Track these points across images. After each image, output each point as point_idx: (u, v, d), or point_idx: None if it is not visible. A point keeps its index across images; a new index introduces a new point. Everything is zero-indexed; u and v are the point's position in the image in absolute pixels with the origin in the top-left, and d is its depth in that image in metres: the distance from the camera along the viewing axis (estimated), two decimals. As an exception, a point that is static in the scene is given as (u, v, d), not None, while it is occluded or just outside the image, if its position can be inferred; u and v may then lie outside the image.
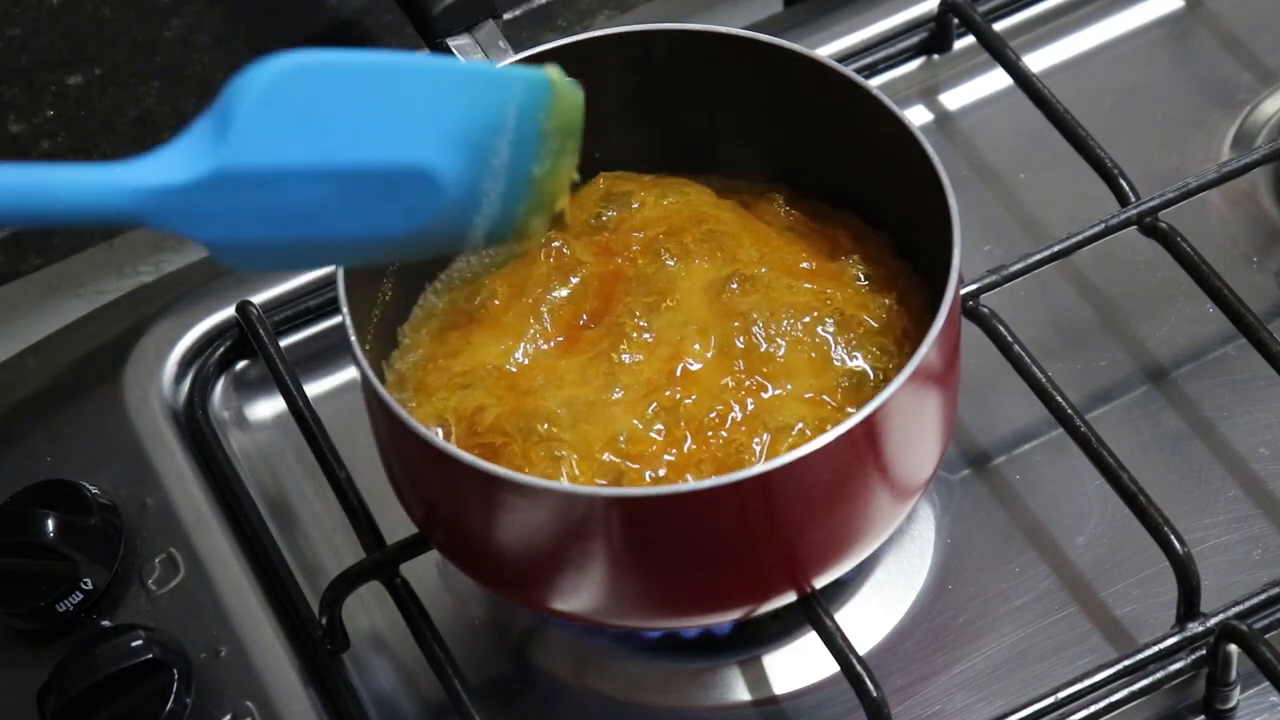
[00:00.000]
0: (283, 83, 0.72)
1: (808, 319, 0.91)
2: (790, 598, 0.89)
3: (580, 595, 0.87)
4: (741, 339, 0.90)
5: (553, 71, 0.83)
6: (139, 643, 0.93)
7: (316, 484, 1.01)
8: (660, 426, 0.88)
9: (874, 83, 0.95)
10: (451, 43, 1.03)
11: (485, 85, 0.80)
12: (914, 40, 1.15)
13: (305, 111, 0.73)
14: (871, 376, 0.90)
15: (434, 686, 0.93)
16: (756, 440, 0.87)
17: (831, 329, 0.91)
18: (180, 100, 1.14)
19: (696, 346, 0.90)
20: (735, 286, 0.92)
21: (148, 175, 0.70)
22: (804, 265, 0.94)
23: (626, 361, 0.90)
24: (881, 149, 0.92)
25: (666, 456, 0.87)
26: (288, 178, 0.72)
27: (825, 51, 1.13)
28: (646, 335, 0.91)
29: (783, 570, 0.87)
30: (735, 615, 0.90)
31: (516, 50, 0.98)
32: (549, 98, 0.82)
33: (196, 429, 1.04)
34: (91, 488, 1.00)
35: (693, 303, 0.92)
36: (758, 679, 0.95)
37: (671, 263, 0.93)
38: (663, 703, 0.96)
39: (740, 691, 0.95)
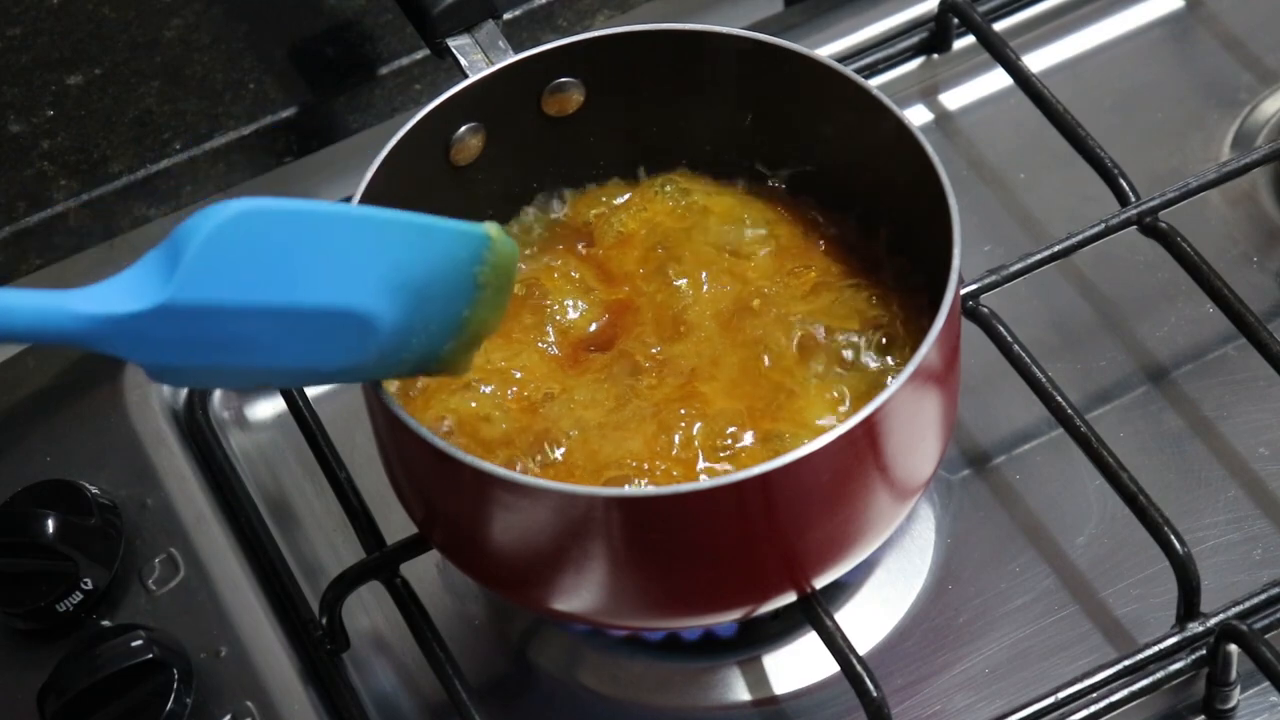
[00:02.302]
0: (232, 226, 0.75)
1: (819, 336, 0.91)
2: (790, 598, 0.89)
3: (580, 595, 0.87)
4: (753, 363, 0.90)
5: (490, 228, 0.85)
6: (139, 643, 0.93)
7: (316, 484, 1.01)
8: (672, 450, 0.88)
9: (874, 83, 0.95)
10: (451, 43, 1.02)
11: (424, 236, 0.83)
12: (914, 40, 1.15)
13: (251, 253, 0.76)
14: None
15: (434, 686, 0.93)
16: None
17: (841, 343, 0.91)
18: (180, 100, 1.14)
19: (708, 373, 0.91)
20: (746, 312, 0.93)
21: (96, 304, 0.73)
22: (808, 270, 0.95)
23: (639, 385, 0.91)
24: (881, 149, 0.92)
25: (674, 474, 0.88)
26: (230, 314, 0.75)
27: (825, 51, 1.13)
28: (658, 360, 0.92)
29: (783, 570, 0.87)
30: (735, 615, 0.90)
31: (517, 50, 0.98)
32: (485, 251, 0.85)
33: (196, 429, 1.04)
34: (91, 488, 1.00)
35: (704, 330, 0.92)
36: (758, 679, 0.95)
37: (680, 283, 0.94)
38: (663, 703, 0.96)
39: (740, 691, 0.95)
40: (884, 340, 0.93)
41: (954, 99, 1.16)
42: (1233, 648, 0.90)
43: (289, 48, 1.16)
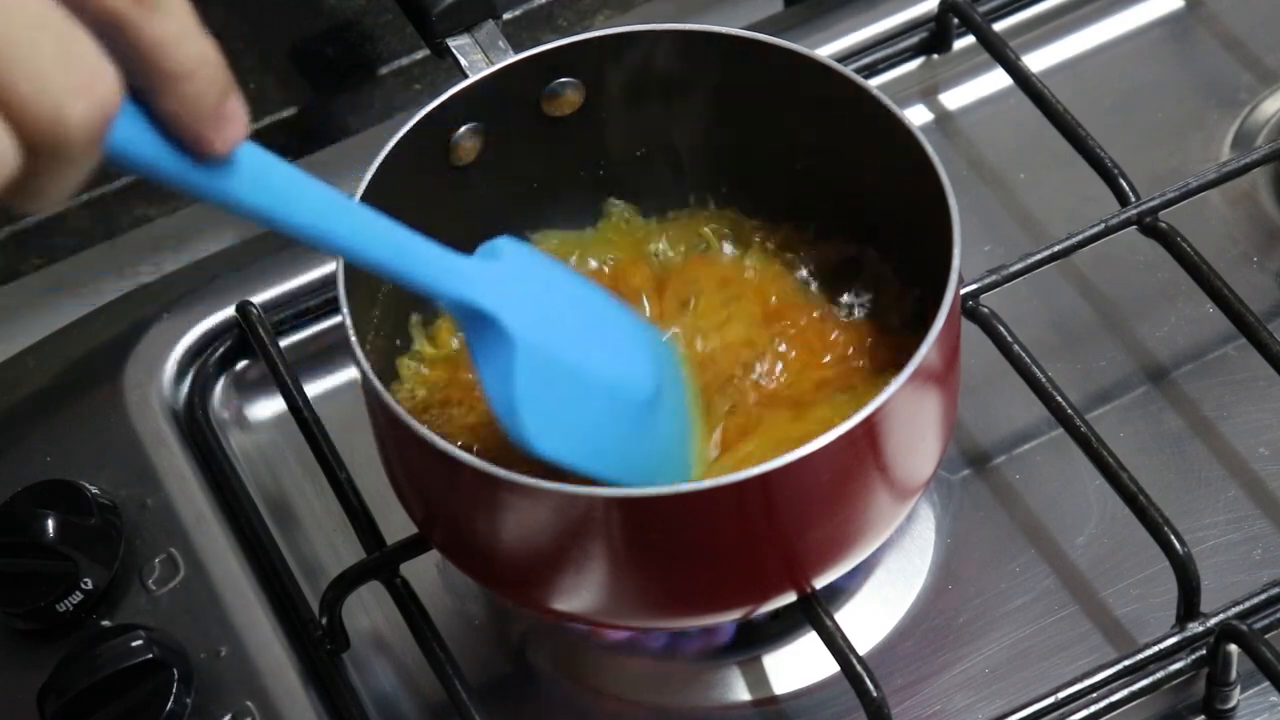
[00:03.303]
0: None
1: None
2: (790, 598, 0.89)
3: (580, 596, 0.87)
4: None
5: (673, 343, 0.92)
6: (139, 643, 0.93)
7: (316, 484, 1.01)
8: None
9: (874, 83, 0.95)
10: (451, 43, 1.03)
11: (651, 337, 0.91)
12: (914, 40, 1.15)
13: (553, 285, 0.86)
14: None
15: (434, 686, 0.93)
16: None
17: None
18: (180, 100, 1.14)
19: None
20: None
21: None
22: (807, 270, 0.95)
23: None
24: (881, 149, 0.92)
25: None
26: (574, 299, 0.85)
27: (825, 51, 1.13)
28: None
29: (783, 570, 0.87)
30: (735, 615, 0.90)
31: (517, 50, 0.98)
32: (678, 358, 0.92)
33: (196, 429, 1.04)
34: (91, 488, 1.00)
35: (703, 321, 0.93)
36: (758, 679, 0.95)
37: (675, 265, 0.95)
38: (663, 703, 0.96)
39: (740, 691, 0.95)
40: (882, 338, 0.93)
41: (954, 99, 1.16)
42: (1233, 648, 0.90)
43: (289, 48, 1.16)
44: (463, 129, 0.95)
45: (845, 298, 0.96)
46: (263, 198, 0.71)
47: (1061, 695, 0.90)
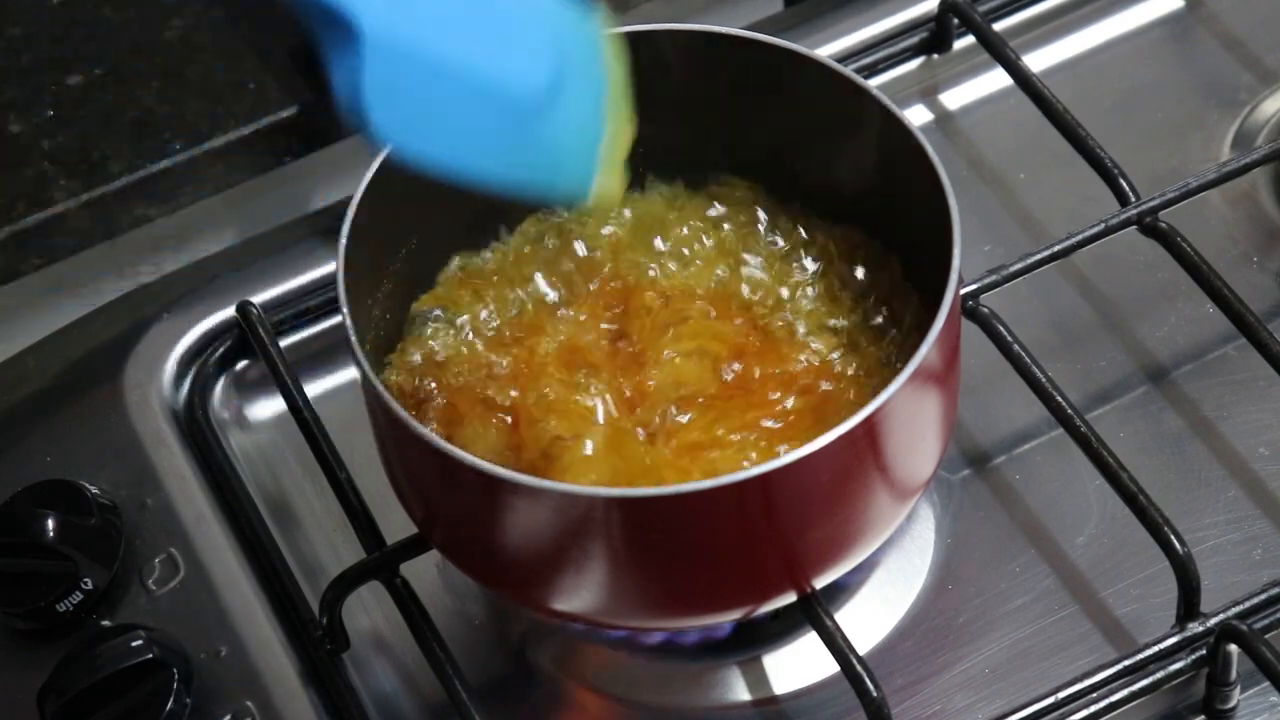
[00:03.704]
0: None
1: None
2: (790, 598, 0.89)
3: (580, 595, 0.87)
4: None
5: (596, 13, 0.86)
6: (139, 643, 0.93)
7: (316, 484, 1.01)
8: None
9: (874, 83, 0.95)
10: (451, 43, 1.02)
11: (565, 9, 0.84)
12: (914, 40, 1.15)
13: None
14: None
15: (434, 686, 0.93)
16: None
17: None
18: (180, 100, 1.14)
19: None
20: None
21: None
22: (807, 270, 0.95)
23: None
24: (881, 149, 0.92)
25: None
26: None
27: (825, 51, 1.13)
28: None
29: (783, 570, 0.87)
30: (735, 615, 0.90)
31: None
32: (600, 35, 0.85)
33: (196, 429, 1.04)
34: (91, 488, 1.00)
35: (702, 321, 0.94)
36: (758, 679, 0.95)
37: (675, 271, 0.95)
38: (663, 703, 0.96)
39: (740, 691, 0.95)
40: (883, 340, 0.93)
41: (954, 99, 1.16)
42: (1233, 648, 0.90)
43: (289, 48, 1.16)
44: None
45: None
46: None
47: (1061, 695, 0.90)
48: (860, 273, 0.96)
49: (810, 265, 0.97)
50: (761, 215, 0.98)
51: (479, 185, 0.81)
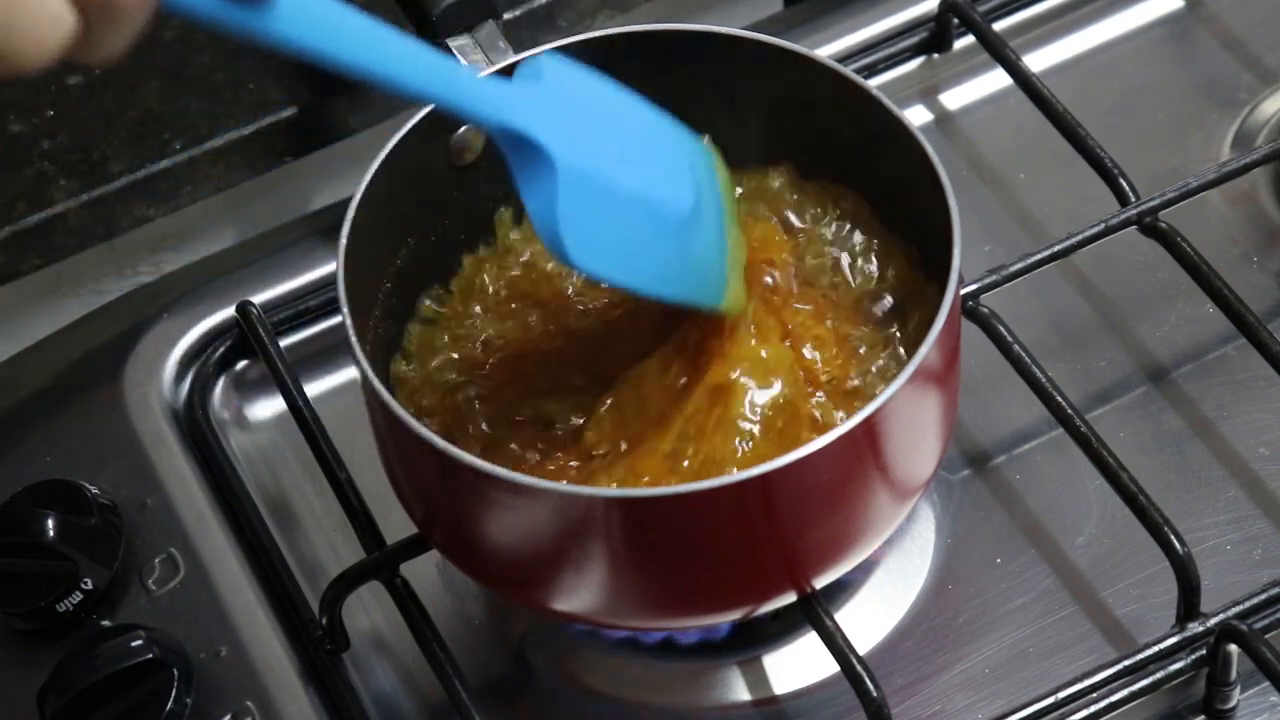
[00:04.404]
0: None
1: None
2: (790, 598, 0.89)
3: (580, 595, 0.87)
4: None
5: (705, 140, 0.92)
6: (139, 643, 0.93)
7: (316, 484, 1.01)
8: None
9: (874, 83, 0.95)
10: (452, 43, 1.03)
11: (684, 135, 0.90)
12: (914, 40, 1.15)
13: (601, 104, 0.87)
14: None
15: (434, 686, 0.93)
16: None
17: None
18: (180, 100, 1.14)
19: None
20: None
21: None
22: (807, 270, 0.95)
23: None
24: (881, 149, 0.92)
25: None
26: (613, 118, 0.86)
27: (825, 51, 1.13)
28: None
29: (783, 570, 0.87)
30: (735, 615, 0.90)
31: (517, 50, 0.98)
32: (711, 157, 0.91)
33: (196, 429, 1.04)
34: (91, 488, 1.00)
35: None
36: (758, 679, 0.95)
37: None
38: (663, 703, 0.96)
39: (740, 691, 0.95)
40: (883, 340, 0.93)
41: (954, 99, 1.16)
42: (1233, 648, 0.90)
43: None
44: (463, 129, 0.95)
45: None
46: (307, 34, 0.74)
47: (1061, 695, 0.90)
48: (861, 271, 0.96)
49: (809, 264, 0.97)
50: (757, 215, 0.98)
51: (640, 293, 0.86)
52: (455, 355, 0.95)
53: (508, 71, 0.94)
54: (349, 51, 0.75)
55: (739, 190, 0.97)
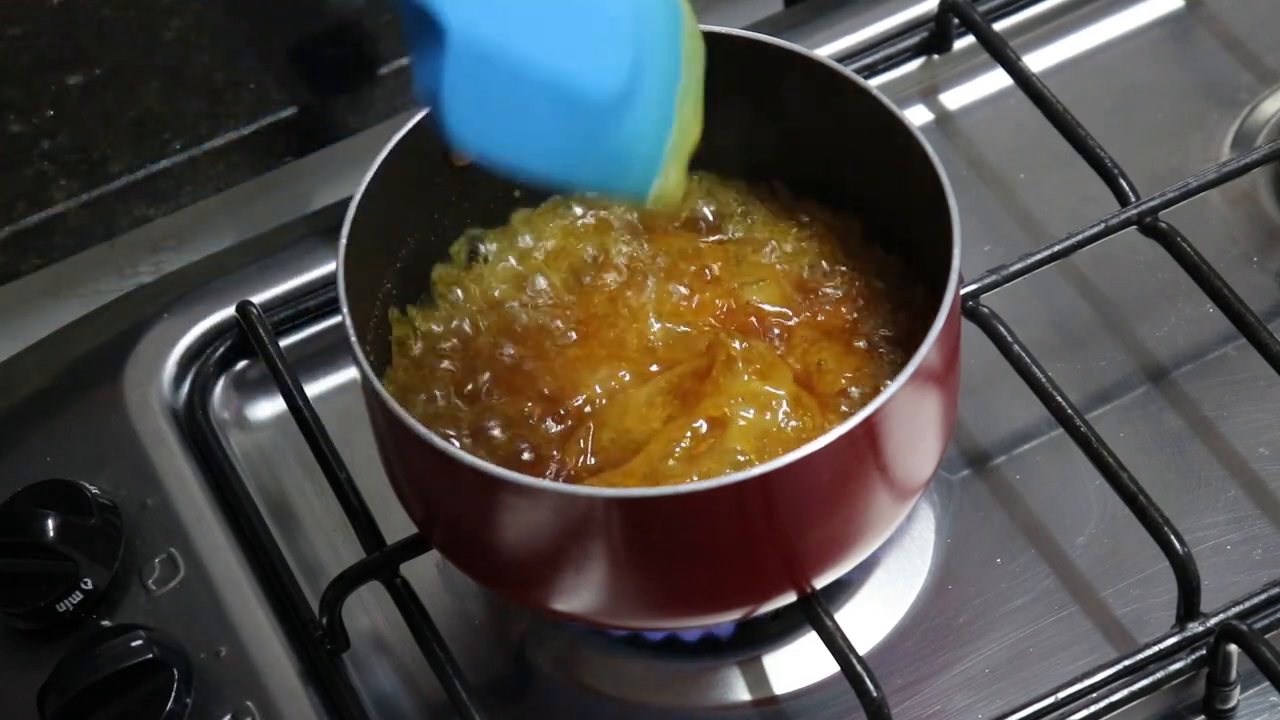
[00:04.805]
0: None
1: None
2: (790, 598, 0.89)
3: (580, 595, 0.87)
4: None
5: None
6: (139, 643, 0.93)
7: (316, 484, 1.01)
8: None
9: (874, 83, 0.95)
10: (451, 43, 1.02)
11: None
12: (914, 40, 1.15)
13: None
14: None
15: (434, 686, 0.93)
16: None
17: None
18: (180, 100, 1.14)
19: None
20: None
21: None
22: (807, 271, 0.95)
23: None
24: (881, 149, 0.92)
25: None
26: None
27: (825, 51, 1.13)
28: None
29: (783, 570, 0.87)
30: (735, 615, 0.90)
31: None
32: (684, 20, 0.84)
33: (196, 429, 1.04)
34: (91, 488, 1.00)
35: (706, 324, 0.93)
36: (758, 679, 0.95)
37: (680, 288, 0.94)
38: (663, 703, 0.96)
39: (740, 691, 0.95)
40: (884, 340, 0.93)
41: (954, 99, 1.16)
42: (1233, 648, 0.90)
43: (289, 48, 1.16)
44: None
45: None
46: None
47: (1061, 695, 0.90)
48: (859, 272, 0.96)
49: (808, 264, 0.97)
50: (758, 216, 0.99)
51: (540, 181, 0.81)
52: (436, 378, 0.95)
53: None
54: None
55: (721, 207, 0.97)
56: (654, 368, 0.92)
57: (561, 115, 0.79)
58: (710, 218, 0.98)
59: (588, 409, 0.91)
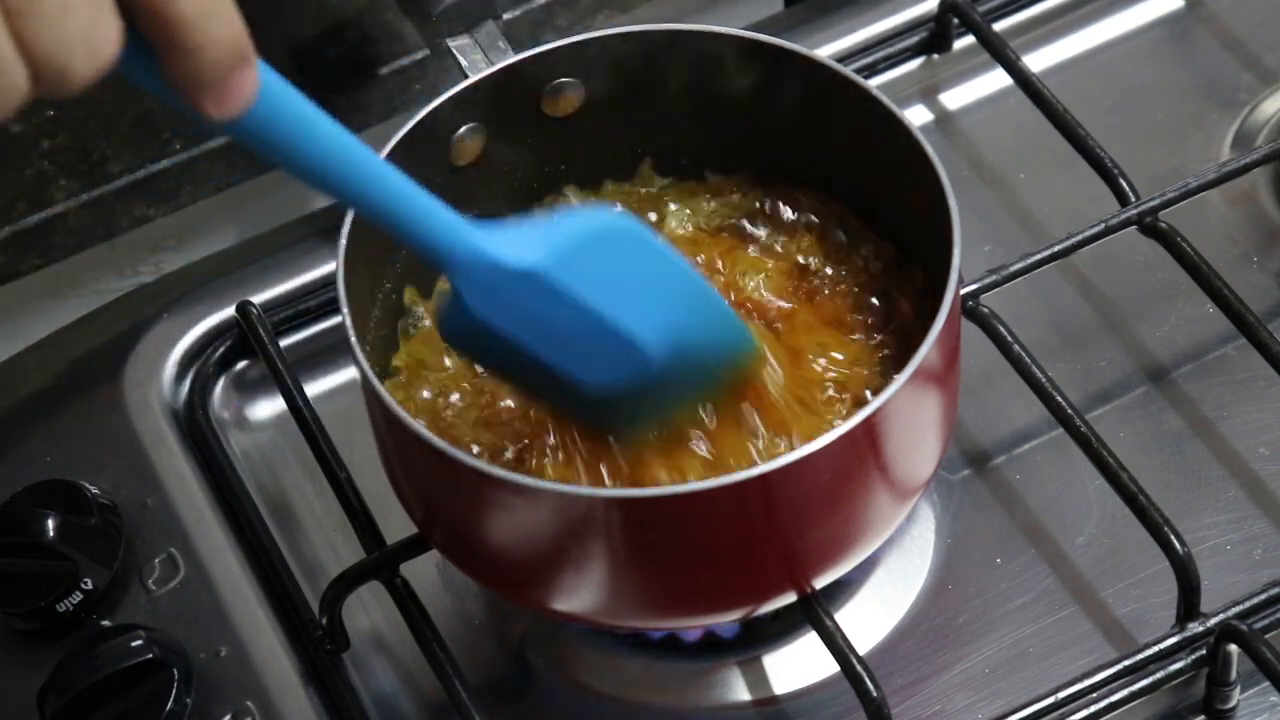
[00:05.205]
0: (608, 236, 0.83)
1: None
2: (790, 598, 0.89)
3: (580, 595, 0.87)
4: None
5: (757, 342, 0.89)
6: (139, 643, 0.93)
7: (316, 484, 1.01)
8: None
9: (874, 83, 0.95)
10: (451, 43, 1.03)
11: (718, 318, 0.87)
12: (914, 40, 1.15)
13: (609, 261, 0.82)
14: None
15: (434, 686, 0.93)
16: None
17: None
18: (180, 100, 1.14)
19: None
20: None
21: (489, 244, 0.80)
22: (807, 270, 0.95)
23: None
24: (881, 149, 0.92)
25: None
26: (566, 304, 0.81)
27: (825, 51, 1.13)
28: None
29: (783, 570, 0.87)
30: (735, 615, 0.90)
31: (517, 50, 0.98)
32: (742, 357, 0.88)
33: (196, 429, 1.04)
34: (91, 488, 1.00)
35: None
36: (758, 679, 0.95)
37: None
38: (663, 703, 0.96)
39: (740, 691, 0.95)
40: (882, 335, 0.93)
41: (954, 99, 1.16)
42: (1233, 648, 0.90)
43: (289, 48, 1.16)
44: (463, 129, 0.95)
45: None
46: (269, 138, 0.72)
47: (1061, 695, 0.90)
48: (860, 272, 0.96)
49: (808, 263, 0.97)
50: (757, 216, 0.99)
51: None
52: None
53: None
54: (310, 163, 0.73)
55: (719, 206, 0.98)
56: None
57: (552, 378, 0.84)
58: (710, 214, 0.98)
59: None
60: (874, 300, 0.94)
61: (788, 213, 0.97)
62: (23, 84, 0.65)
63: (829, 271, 0.96)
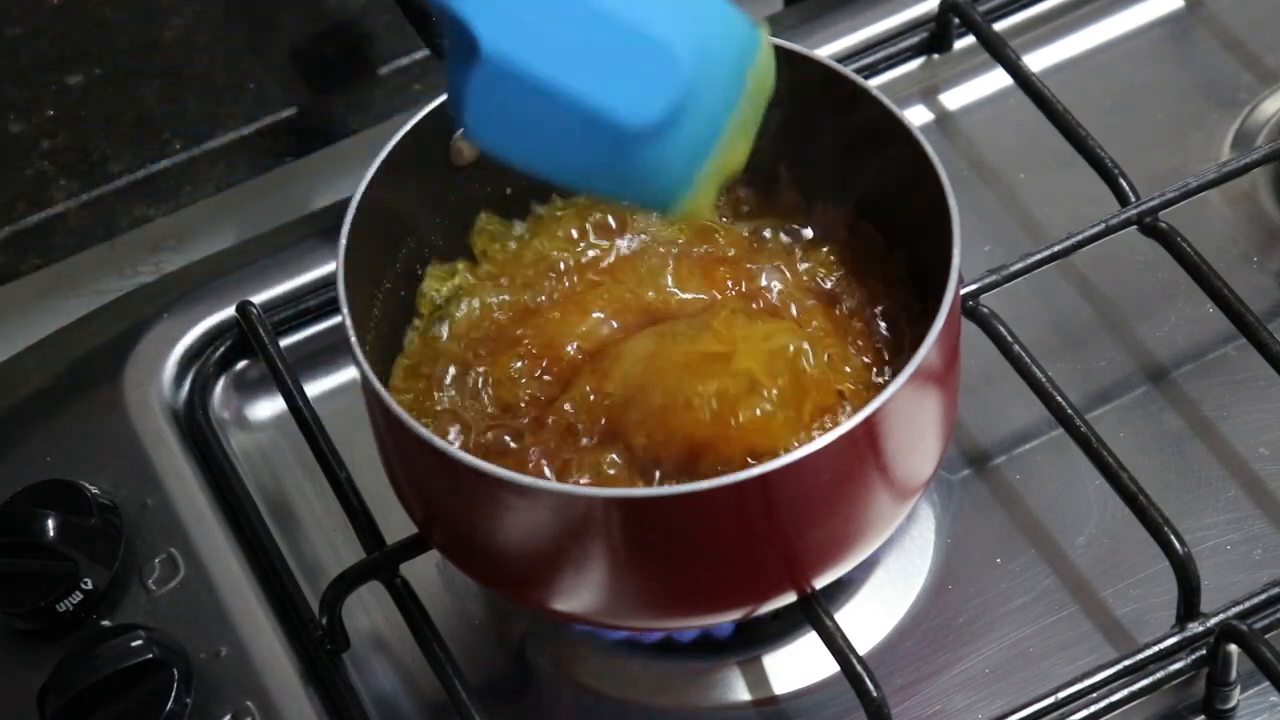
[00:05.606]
0: None
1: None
2: (790, 598, 0.89)
3: (580, 595, 0.87)
4: None
5: (764, 31, 0.83)
6: (139, 643, 0.93)
7: (316, 484, 1.01)
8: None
9: (874, 83, 0.95)
10: (451, 43, 1.02)
11: (718, 12, 0.81)
12: (914, 40, 1.15)
13: None
14: None
15: (434, 686, 0.93)
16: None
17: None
18: (180, 100, 1.14)
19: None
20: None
21: None
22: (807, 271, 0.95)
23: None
24: (882, 149, 0.92)
25: None
26: (591, 8, 0.77)
27: (825, 51, 1.13)
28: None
29: (783, 570, 0.87)
30: (735, 615, 0.90)
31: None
32: (756, 53, 0.83)
33: (196, 429, 1.04)
34: (91, 488, 1.00)
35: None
36: (758, 679, 0.95)
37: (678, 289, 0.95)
38: (663, 703, 0.96)
39: (740, 691, 0.95)
40: (884, 340, 0.93)
41: (954, 99, 1.16)
42: (1233, 648, 0.90)
43: (289, 48, 1.16)
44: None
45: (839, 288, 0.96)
46: None
47: (1061, 695, 0.90)
48: (860, 271, 0.96)
49: (808, 264, 0.97)
50: (757, 216, 0.99)
51: (559, 185, 0.82)
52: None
53: None
54: None
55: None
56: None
57: (589, 137, 0.79)
58: (716, 213, 0.98)
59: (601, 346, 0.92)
60: (875, 307, 0.94)
61: (792, 220, 0.98)
62: None
63: (831, 280, 0.96)
